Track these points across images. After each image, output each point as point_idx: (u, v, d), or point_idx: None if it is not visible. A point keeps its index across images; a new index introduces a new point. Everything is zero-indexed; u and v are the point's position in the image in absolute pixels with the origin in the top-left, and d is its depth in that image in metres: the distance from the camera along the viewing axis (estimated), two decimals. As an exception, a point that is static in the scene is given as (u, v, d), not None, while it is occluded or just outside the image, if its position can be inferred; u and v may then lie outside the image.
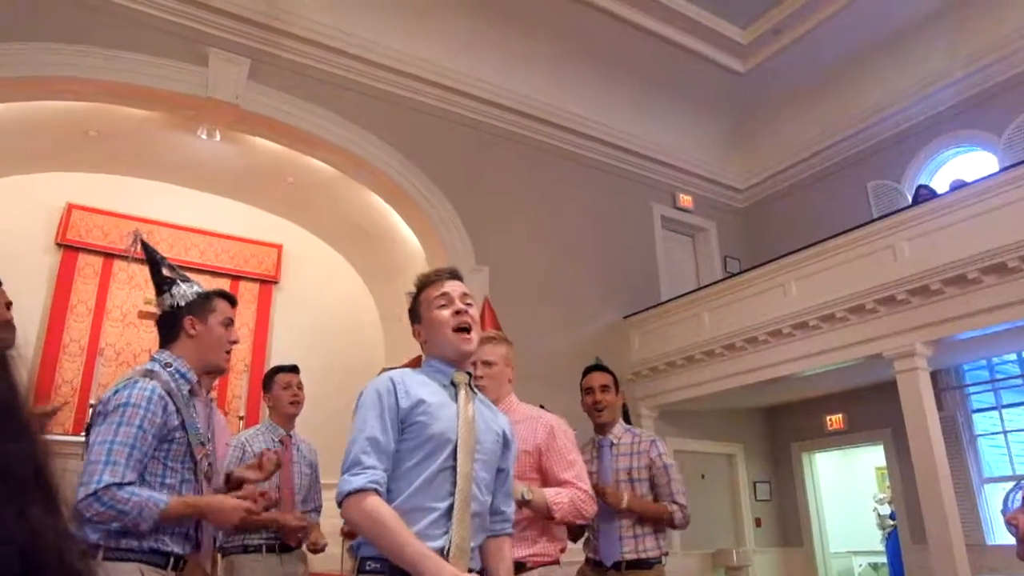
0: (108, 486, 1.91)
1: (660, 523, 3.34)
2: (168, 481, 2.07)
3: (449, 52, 7.66)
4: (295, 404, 3.78)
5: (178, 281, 2.39)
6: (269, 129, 6.81)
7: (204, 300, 2.37)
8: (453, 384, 1.97)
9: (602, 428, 3.52)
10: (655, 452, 3.41)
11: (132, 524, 1.93)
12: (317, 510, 3.86)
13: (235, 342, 2.41)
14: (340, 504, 1.74)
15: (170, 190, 7.85)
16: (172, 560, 2.04)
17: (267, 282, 8.30)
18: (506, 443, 2.02)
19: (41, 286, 7.06)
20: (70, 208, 7.33)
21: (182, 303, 2.34)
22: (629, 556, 3.26)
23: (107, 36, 5.95)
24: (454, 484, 1.79)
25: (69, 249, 7.31)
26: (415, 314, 2.08)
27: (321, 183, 7.61)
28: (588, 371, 3.64)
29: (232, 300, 2.47)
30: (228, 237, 8.13)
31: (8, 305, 2.89)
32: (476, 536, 1.83)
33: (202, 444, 2.19)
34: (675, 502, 3.35)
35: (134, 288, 7.60)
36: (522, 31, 7.86)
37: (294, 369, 3.91)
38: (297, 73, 6.83)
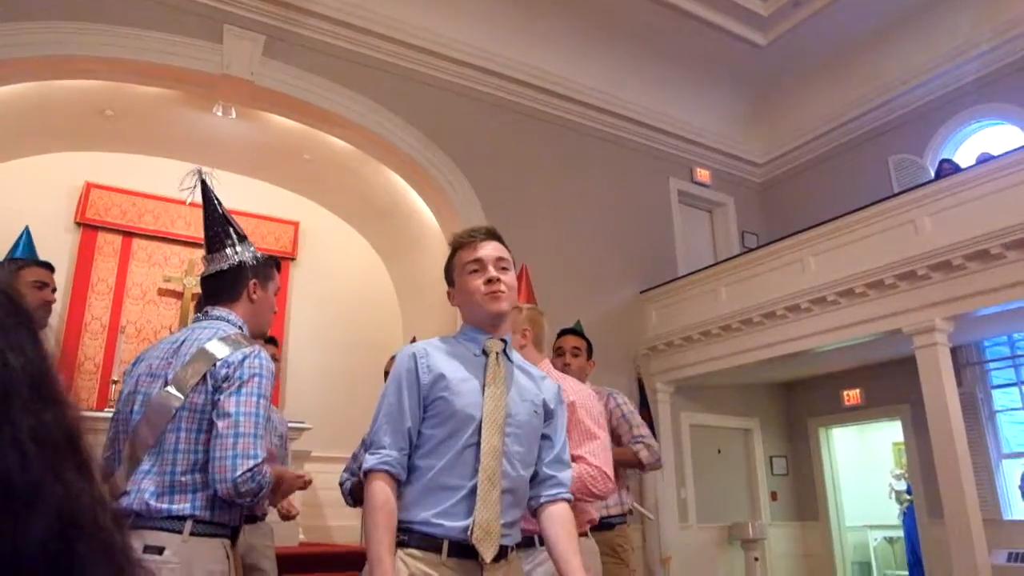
0: (262, 461, 1.86)
1: (630, 466, 3.25)
2: None
3: (466, 27, 7.60)
4: None
5: (241, 240, 2.23)
6: (285, 106, 6.81)
7: (267, 265, 2.26)
8: (485, 353, 1.89)
9: None
10: (612, 404, 3.39)
11: (261, 499, 1.93)
12: None
13: (276, 312, 2.32)
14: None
15: (187, 168, 7.86)
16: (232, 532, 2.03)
17: (284, 258, 8.34)
18: (548, 412, 1.92)
19: (62, 265, 7.12)
20: (88, 187, 7.39)
21: (252, 262, 2.20)
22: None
23: (122, 14, 5.96)
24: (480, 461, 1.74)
25: (88, 228, 7.38)
26: (449, 277, 2.00)
27: (337, 160, 7.62)
28: (562, 333, 3.62)
29: (280, 269, 2.36)
30: (245, 214, 8.15)
31: (52, 289, 2.96)
32: (509, 513, 1.76)
33: None
34: (639, 441, 3.26)
35: (153, 266, 7.67)
36: (539, 5, 7.77)
37: (271, 341, 3.88)
38: (312, 49, 6.81)
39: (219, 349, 1.97)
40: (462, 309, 1.96)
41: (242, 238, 2.24)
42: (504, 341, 1.92)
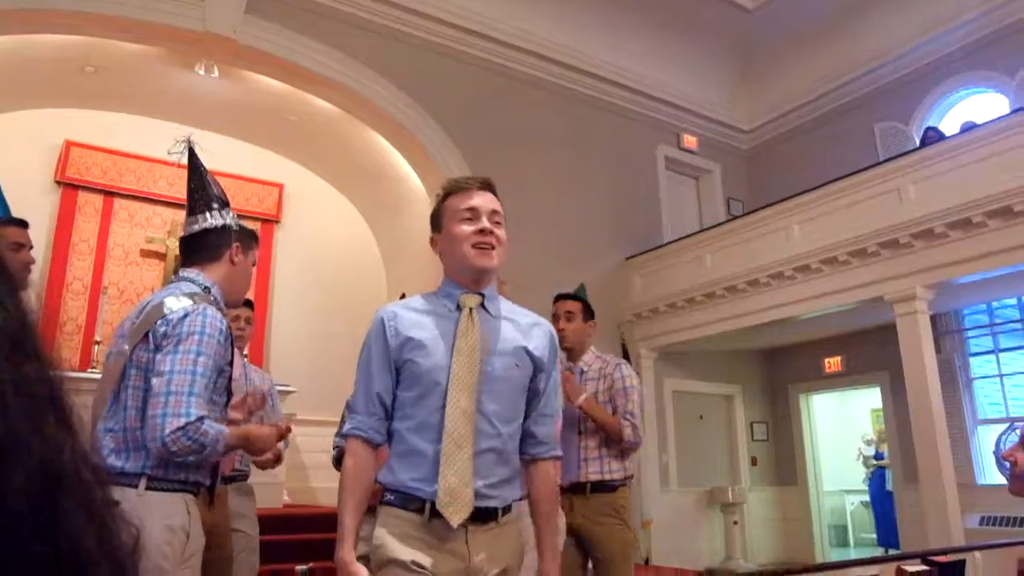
0: (196, 420, 1.83)
1: (610, 434, 3.33)
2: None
3: (452, -14, 7.47)
4: (239, 339, 3.71)
5: (222, 206, 2.22)
6: (269, 65, 6.70)
7: (249, 235, 2.26)
8: (460, 308, 1.79)
9: (572, 355, 3.53)
10: (618, 375, 3.42)
11: (207, 457, 1.88)
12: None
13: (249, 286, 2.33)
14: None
15: (169, 128, 7.74)
16: (203, 490, 2.02)
17: (268, 221, 8.28)
18: (536, 361, 1.81)
19: (42, 224, 7.04)
20: (68, 145, 7.27)
21: (235, 226, 2.20)
22: (594, 477, 3.27)
23: (100, -33, 5.81)
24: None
25: (69, 187, 7.27)
26: (436, 222, 1.88)
27: (322, 122, 7.52)
28: (557, 298, 3.65)
29: (258, 243, 2.38)
30: (228, 175, 8.03)
31: (30, 248, 2.93)
32: (495, 473, 1.71)
33: None
34: (627, 419, 3.32)
35: (135, 226, 7.59)
36: (526, -36, 7.64)
37: (247, 303, 3.84)
38: (298, 7, 6.67)
39: (168, 305, 1.97)
40: (444, 258, 1.86)
41: (225, 204, 2.23)
42: (482, 295, 1.82)
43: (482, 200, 1.84)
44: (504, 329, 1.82)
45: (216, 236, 2.16)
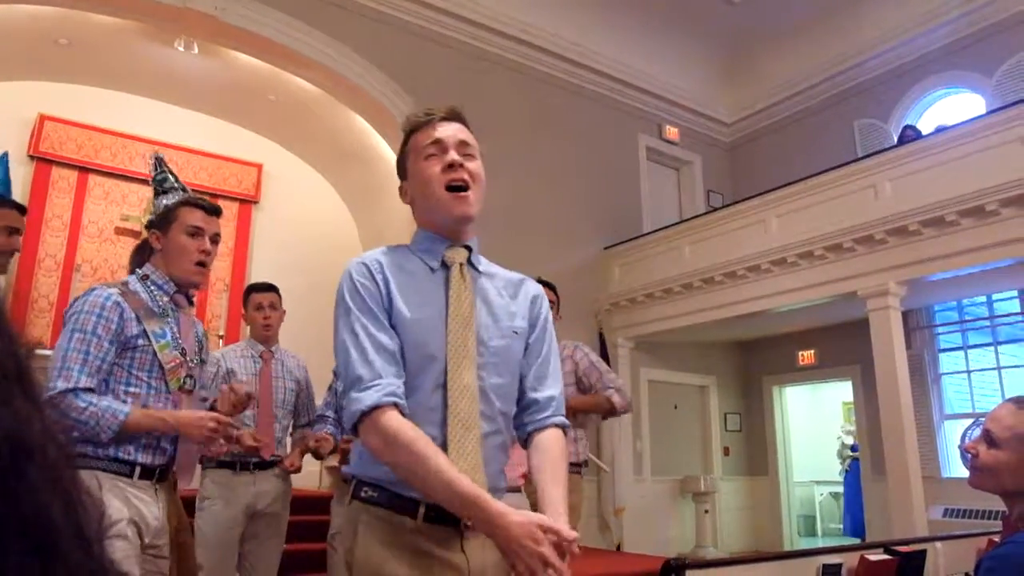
0: (62, 392, 1.88)
1: (600, 411, 3.29)
2: (132, 389, 2.05)
3: (437, -31, 7.40)
4: (267, 328, 3.67)
5: (157, 195, 2.33)
6: (250, 44, 6.60)
7: (165, 212, 2.30)
8: (445, 266, 1.52)
9: None
10: (579, 355, 3.40)
11: (91, 434, 1.91)
12: (311, 424, 3.80)
13: (205, 251, 2.20)
14: (355, 430, 1.38)
15: (147, 104, 7.65)
16: (140, 470, 2.01)
17: (246, 201, 8.20)
18: (531, 323, 1.58)
19: (14, 198, 6.92)
20: (42, 119, 7.13)
21: (152, 218, 2.35)
22: None
23: (78, -63, 5.69)
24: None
25: (42, 162, 7.14)
26: (402, 168, 1.63)
27: (303, 102, 7.44)
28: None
29: (203, 206, 2.26)
30: (206, 154, 7.97)
31: (21, 234, 2.89)
32: (496, 458, 1.46)
33: (182, 355, 2.15)
34: (610, 386, 3.30)
35: (110, 203, 7.47)
36: (513, -51, 7.60)
37: (268, 288, 3.76)
38: (279, -15, 6.58)
39: None
40: (416, 208, 1.59)
41: (162, 193, 2.40)
42: (468, 248, 1.56)
43: (448, 130, 1.55)
44: (495, 289, 1.58)
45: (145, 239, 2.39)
